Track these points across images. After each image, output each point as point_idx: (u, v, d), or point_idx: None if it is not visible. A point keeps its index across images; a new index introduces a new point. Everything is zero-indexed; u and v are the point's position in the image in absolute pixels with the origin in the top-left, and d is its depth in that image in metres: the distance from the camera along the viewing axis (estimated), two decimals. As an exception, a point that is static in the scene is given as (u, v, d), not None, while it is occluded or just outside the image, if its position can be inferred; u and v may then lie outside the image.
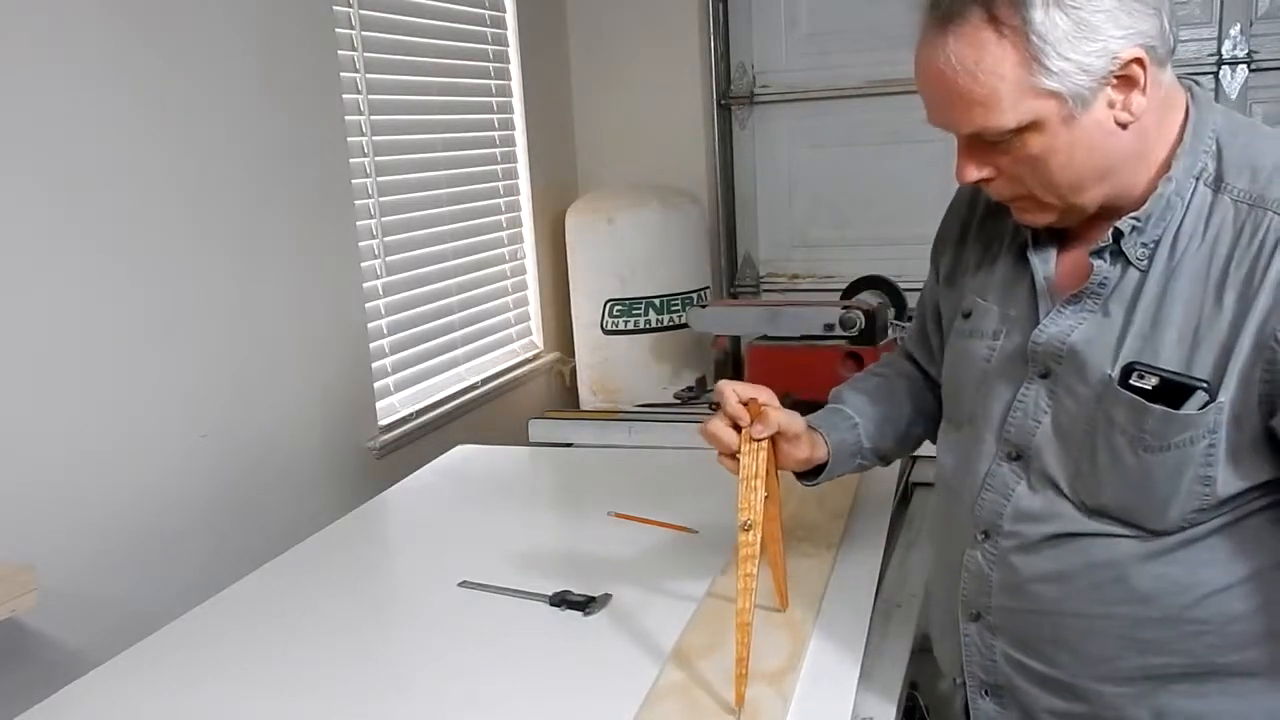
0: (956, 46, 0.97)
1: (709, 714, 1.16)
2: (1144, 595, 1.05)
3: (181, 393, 1.97)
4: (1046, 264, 1.12)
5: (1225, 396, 0.98)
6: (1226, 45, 3.09)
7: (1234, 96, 3.10)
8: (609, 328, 3.14)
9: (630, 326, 3.13)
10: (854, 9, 3.26)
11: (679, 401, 2.74)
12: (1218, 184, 1.01)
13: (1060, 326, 1.07)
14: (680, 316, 3.09)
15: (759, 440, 1.21)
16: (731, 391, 1.22)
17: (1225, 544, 1.04)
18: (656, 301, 3.12)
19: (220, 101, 2.05)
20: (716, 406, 1.24)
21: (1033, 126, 0.98)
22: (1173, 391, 0.99)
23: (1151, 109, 0.99)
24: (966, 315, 1.19)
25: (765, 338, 2.64)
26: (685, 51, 3.46)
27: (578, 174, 3.55)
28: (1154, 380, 1.00)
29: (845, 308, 2.55)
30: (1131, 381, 1.01)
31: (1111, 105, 0.98)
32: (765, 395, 1.23)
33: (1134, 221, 1.02)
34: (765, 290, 3.64)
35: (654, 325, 3.13)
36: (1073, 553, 1.08)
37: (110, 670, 1.36)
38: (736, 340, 3.14)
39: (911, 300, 2.82)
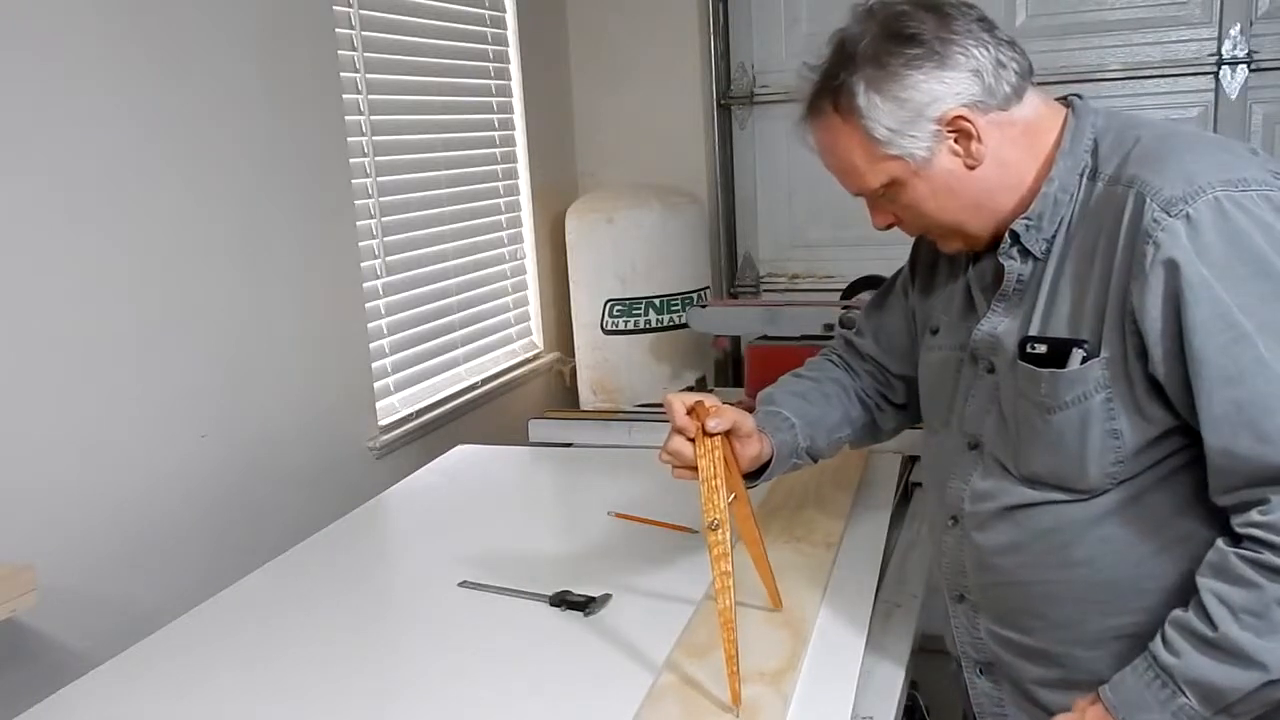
0: (819, 133, 1.21)
1: (709, 714, 1.16)
2: (1090, 559, 1.16)
3: (181, 393, 1.97)
4: (982, 276, 1.26)
5: (1108, 352, 1.10)
6: (1226, 45, 3.09)
7: (1234, 97, 3.10)
8: (609, 328, 3.14)
9: (630, 326, 3.13)
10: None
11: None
12: (1094, 174, 1.16)
13: (991, 323, 1.22)
14: (680, 316, 3.09)
15: (713, 437, 1.28)
16: (679, 403, 1.30)
17: (1162, 506, 1.13)
18: (656, 301, 3.12)
19: (220, 102, 2.05)
20: (657, 407, 1.35)
21: (893, 184, 1.18)
22: (1059, 355, 1.13)
23: (1008, 142, 1.16)
24: (934, 331, 1.34)
25: (765, 338, 2.64)
26: (685, 51, 3.46)
27: (578, 174, 3.55)
28: (1043, 347, 1.15)
29: (845, 308, 2.55)
30: (1027, 351, 1.16)
31: (956, 154, 1.16)
32: (710, 399, 1.31)
33: (1026, 221, 1.17)
34: (765, 290, 3.64)
35: (654, 325, 3.13)
36: (1020, 523, 1.19)
37: (110, 670, 1.36)
38: (736, 340, 3.14)
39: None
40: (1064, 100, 1.22)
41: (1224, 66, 3.09)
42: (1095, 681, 1.14)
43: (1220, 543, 1.06)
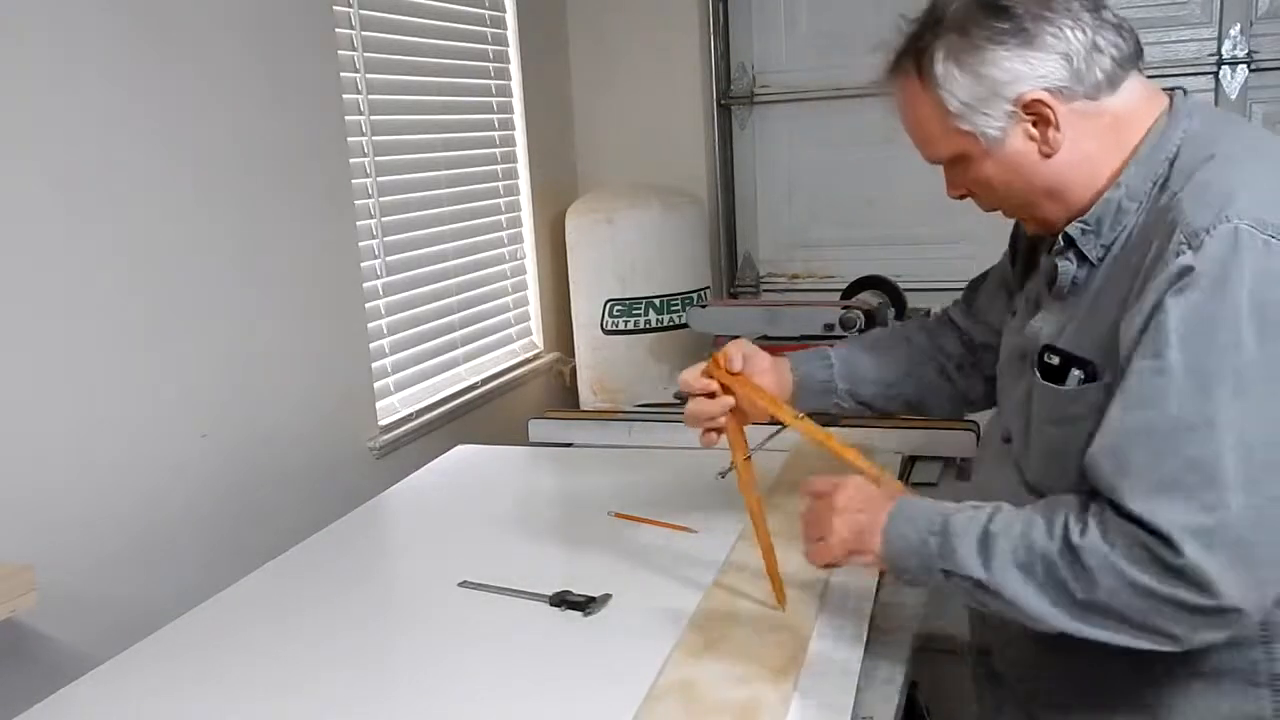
0: (899, 92, 1.18)
1: (709, 713, 1.16)
2: None
3: (181, 393, 1.97)
4: (1050, 270, 1.19)
5: (1109, 378, 1.07)
6: (1226, 45, 3.09)
7: (1234, 97, 3.10)
8: (609, 328, 3.14)
9: (630, 326, 3.13)
10: (854, 9, 3.26)
11: (679, 401, 2.73)
12: (1163, 188, 1.09)
13: (1040, 322, 1.20)
14: (680, 316, 3.08)
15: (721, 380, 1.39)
16: (689, 375, 1.41)
17: None
18: (656, 301, 3.12)
19: (220, 102, 2.05)
20: (683, 399, 1.42)
21: (962, 158, 1.15)
22: (1062, 371, 1.12)
23: (1091, 133, 1.11)
24: (1013, 315, 1.32)
25: (765, 338, 2.64)
26: (685, 51, 3.46)
27: (578, 174, 3.55)
28: (1055, 359, 1.13)
29: (845, 308, 2.55)
30: (1044, 360, 1.15)
31: (1031, 139, 1.11)
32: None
33: (1083, 225, 1.13)
34: (765, 290, 3.64)
35: (654, 325, 3.13)
36: None
37: (110, 670, 1.36)
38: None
39: (912, 300, 2.83)
40: (1169, 92, 1.16)
41: (1224, 66, 3.09)
42: (1080, 704, 1.19)
43: (1073, 500, 1.06)
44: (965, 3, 1.11)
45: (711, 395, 1.39)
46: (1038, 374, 1.15)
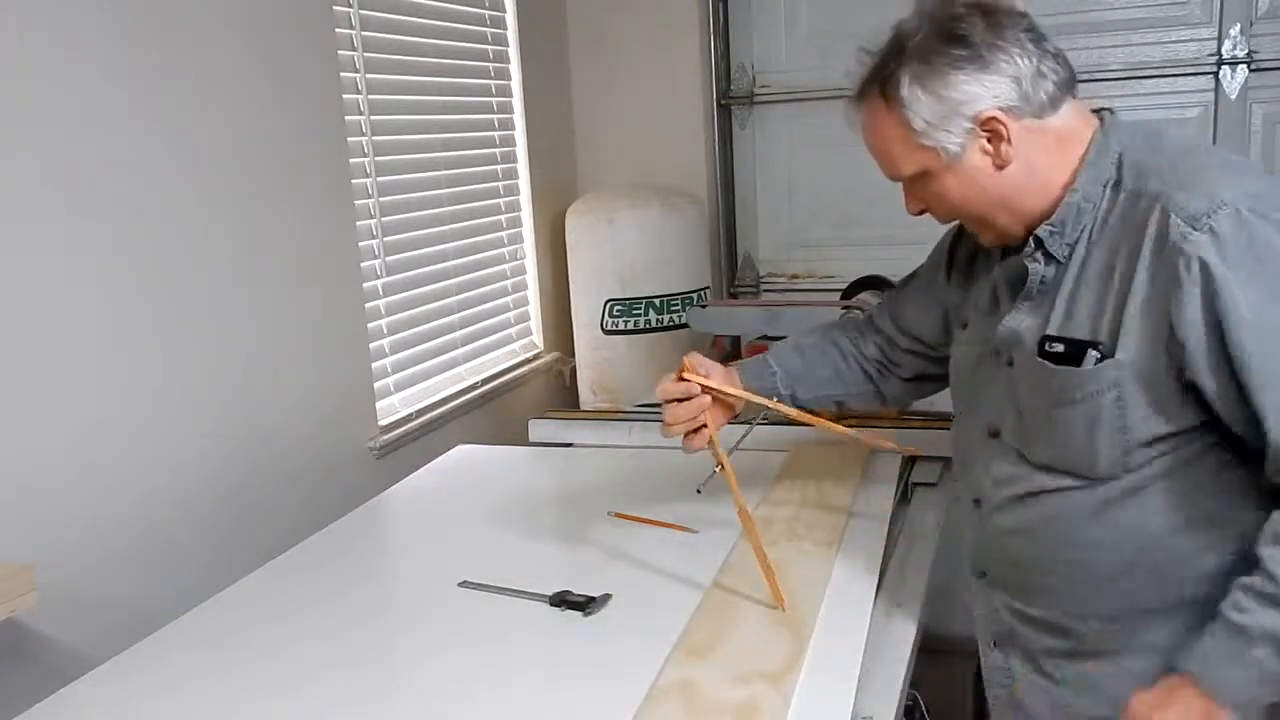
0: (864, 115, 1.30)
1: (709, 713, 1.16)
2: (1098, 542, 1.25)
3: (182, 393, 1.97)
4: (1008, 275, 1.33)
5: (1124, 355, 1.18)
6: (1226, 45, 3.09)
7: (1234, 96, 3.10)
8: (609, 328, 3.14)
9: (630, 326, 3.13)
10: (854, 9, 3.24)
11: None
12: (1117, 187, 1.23)
13: (1015, 320, 1.30)
14: (680, 316, 3.08)
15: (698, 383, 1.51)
16: (665, 382, 1.52)
17: (1168, 493, 1.21)
18: (656, 301, 3.12)
19: (220, 101, 2.05)
20: (657, 407, 1.54)
21: (925, 173, 1.27)
22: (1075, 354, 1.22)
23: (1039, 148, 1.24)
24: (964, 326, 1.44)
25: (765, 338, 2.64)
26: (685, 51, 3.46)
27: (578, 174, 3.55)
28: (1060, 346, 1.23)
29: (845, 308, 2.55)
30: (1045, 349, 1.24)
31: (986, 153, 1.23)
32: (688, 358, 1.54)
33: (1050, 228, 1.25)
34: (765, 290, 3.64)
35: (654, 325, 3.13)
36: (1032, 509, 1.29)
37: (110, 670, 1.36)
38: (736, 340, 3.13)
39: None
40: (1098, 113, 1.29)
41: (1224, 66, 3.09)
42: (1102, 652, 1.28)
43: (1277, 514, 1.15)
44: (926, 33, 1.23)
45: (688, 398, 1.50)
46: (1045, 361, 1.24)
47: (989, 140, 1.23)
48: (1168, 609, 1.24)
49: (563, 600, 1.44)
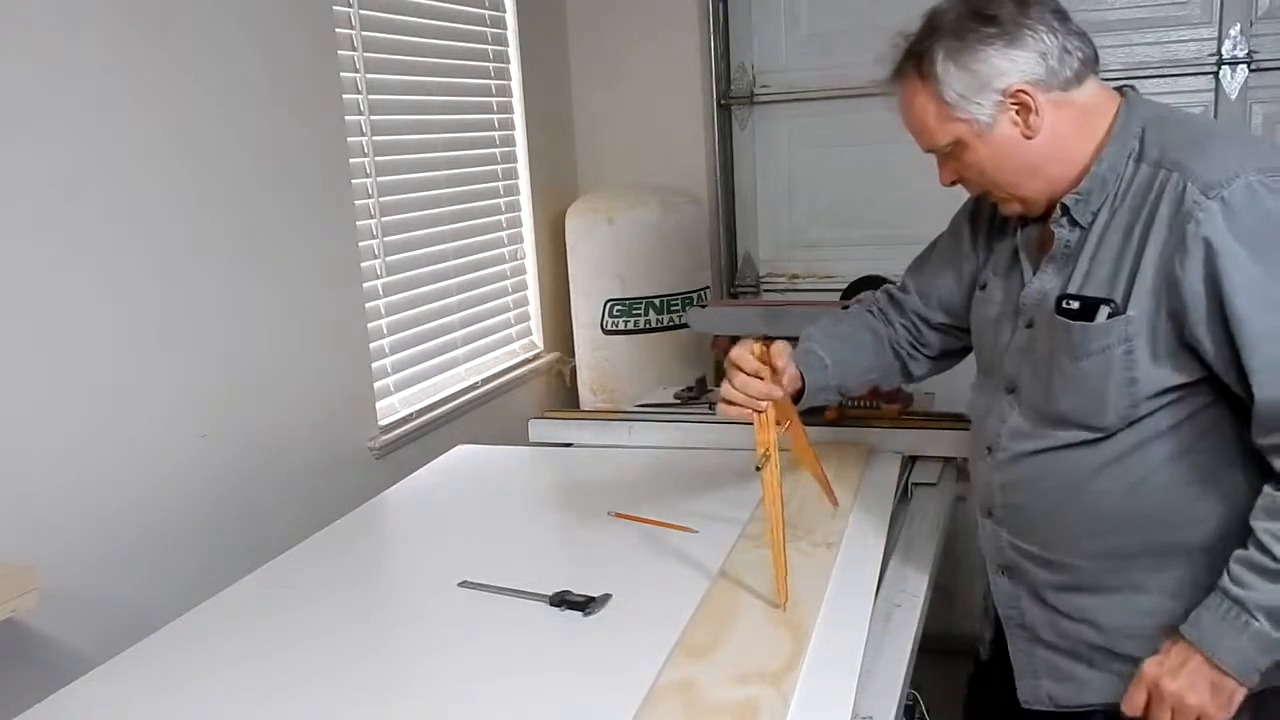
0: (901, 92, 1.39)
1: (709, 713, 1.16)
2: (1101, 493, 1.35)
3: (181, 393, 1.97)
4: (1029, 240, 1.44)
5: (1135, 310, 1.27)
6: (1226, 45, 3.08)
7: (1234, 97, 3.09)
8: (609, 328, 3.14)
9: (630, 326, 3.13)
10: (854, 9, 3.26)
11: (679, 401, 2.74)
12: (1139, 159, 1.32)
13: (1041, 283, 1.40)
14: (680, 316, 3.08)
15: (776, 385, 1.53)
16: (746, 354, 1.55)
17: (1170, 445, 1.31)
18: (656, 301, 3.12)
19: (220, 101, 2.05)
20: (712, 406, 1.56)
21: (959, 144, 1.36)
22: (1089, 311, 1.31)
23: (1065, 120, 1.33)
24: (983, 287, 1.53)
25: (765, 338, 2.63)
26: (685, 51, 3.46)
27: (578, 174, 3.55)
28: (1076, 304, 1.33)
29: (845, 308, 2.54)
30: (1063, 306, 1.34)
31: (1015, 124, 1.33)
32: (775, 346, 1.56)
33: (1076, 196, 1.34)
34: (765, 290, 3.63)
35: (654, 325, 3.13)
36: (1044, 463, 1.39)
37: (110, 670, 1.36)
38: (736, 340, 3.13)
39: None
40: (1120, 90, 1.39)
41: (1224, 66, 3.09)
42: (1097, 587, 1.39)
43: (1267, 488, 1.24)
44: (958, 13, 1.32)
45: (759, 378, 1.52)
46: (1061, 318, 1.33)
47: (1018, 112, 1.31)
48: (1161, 553, 1.34)
49: (563, 600, 1.44)
